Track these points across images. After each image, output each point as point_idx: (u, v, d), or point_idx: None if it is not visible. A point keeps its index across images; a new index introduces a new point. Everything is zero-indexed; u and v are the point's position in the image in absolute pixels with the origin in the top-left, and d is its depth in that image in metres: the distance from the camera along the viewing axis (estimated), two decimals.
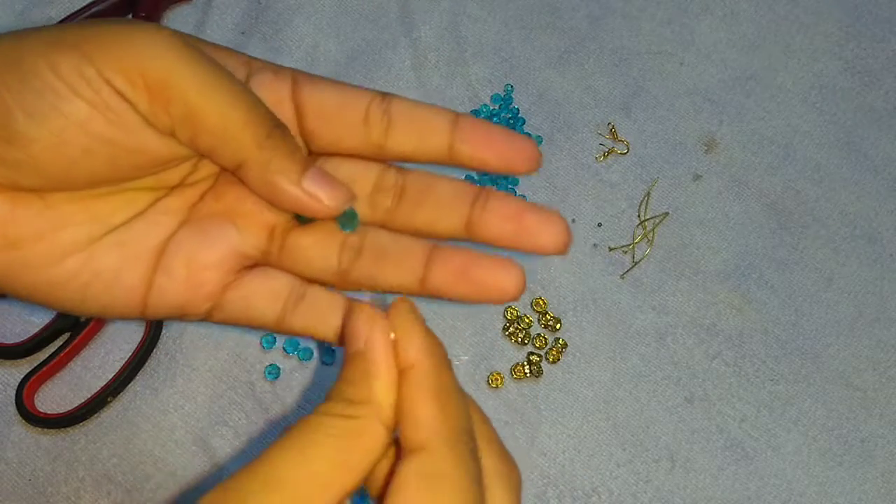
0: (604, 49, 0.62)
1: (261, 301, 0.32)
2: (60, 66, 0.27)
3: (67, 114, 0.28)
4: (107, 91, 0.28)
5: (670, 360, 0.55)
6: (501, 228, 0.30)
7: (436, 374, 0.27)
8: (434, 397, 0.26)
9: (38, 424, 0.51)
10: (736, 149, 0.60)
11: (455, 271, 0.31)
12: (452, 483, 0.25)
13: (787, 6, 0.63)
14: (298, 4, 0.63)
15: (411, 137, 0.31)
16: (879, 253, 0.57)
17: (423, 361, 0.27)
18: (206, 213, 0.32)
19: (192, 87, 0.28)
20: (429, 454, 0.25)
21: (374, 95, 0.31)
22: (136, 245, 0.31)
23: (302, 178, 0.29)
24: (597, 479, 0.52)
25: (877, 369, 0.55)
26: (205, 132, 0.29)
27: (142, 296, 0.31)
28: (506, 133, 0.31)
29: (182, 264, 0.31)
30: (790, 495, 0.52)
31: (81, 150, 0.28)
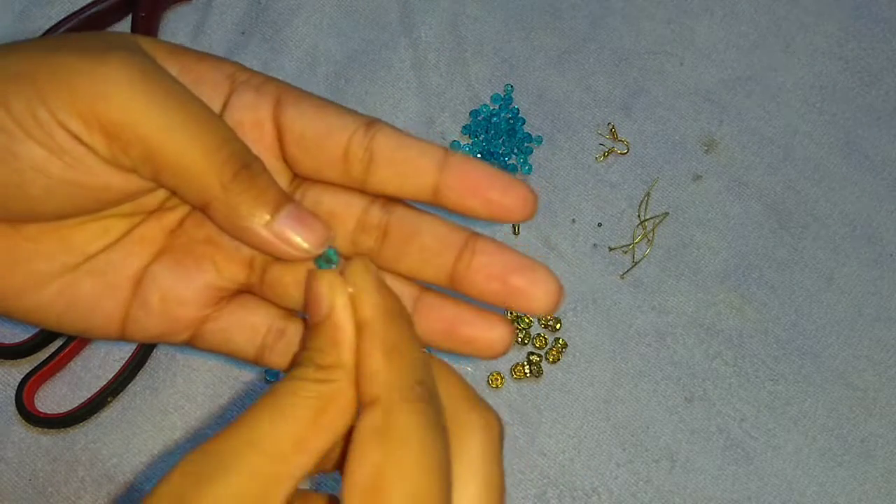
0: (604, 49, 0.62)
1: (240, 335, 0.31)
2: (13, 106, 0.26)
3: (22, 157, 0.26)
4: (61, 135, 0.26)
5: (670, 360, 0.55)
6: (487, 287, 0.29)
7: (385, 328, 0.27)
8: (383, 351, 0.26)
9: (38, 424, 0.51)
10: (736, 149, 0.60)
11: (442, 327, 0.30)
12: (403, 434, 0.25)
13: (787, 6, 0.63)
14: (298, 4, 0.63)
15: (394, 176, 0.29)
16: (879, 253, 0.57)
17: (375, 317, 0.27)
18: (186, 241, 0.31)
19: (150, 127, 0.26)
20: (379, 407, 0.25)
21: (359, 125, 0.29)
22: (114, 274, 0.30)
23: (273, 222, 0.28)
24: (597, 479, 0.52)
25: (877, 369, 0.55)
26: (166, 173, 0.27)
27: (119, 323, 0.31)
28: (498, 177, 0.29)
29: (158, 298, 0.30)
30: (790, 495, 0.52)
31: (42, 190, 0.27)
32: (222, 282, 0.31)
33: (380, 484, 0.24)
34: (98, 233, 0.30)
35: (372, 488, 0.24)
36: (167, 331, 0.31)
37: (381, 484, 0.24)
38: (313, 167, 0.30)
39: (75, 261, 0.30)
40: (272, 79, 0.30)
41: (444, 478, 0.25)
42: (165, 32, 0.62)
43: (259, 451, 0.25)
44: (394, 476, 0.24)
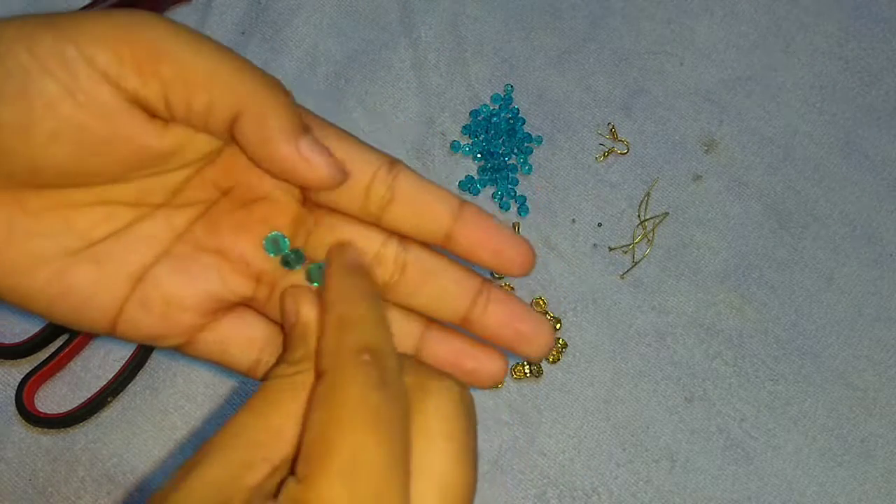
0: (604, 49, 0.62)
1: (237, 348, 0.32)
2: (38, 47, 0.26)
3: (33, 94, 0.26)
4: (84, 71, 0.27)
5: (670, 360, 0.55)
6: (498, 333, 0.32)
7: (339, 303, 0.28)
8: (334, 325, 0.28)
9: (38, 424, 0.51)
10: (736, 149, 0.60)
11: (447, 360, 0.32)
12: (344, 394, 0.25)
13: (787, 6, 0.63)
14: (298, 4, 0.63)
15: (411, 217, 0.31)
16: (879, 253, 0.57)
17: (333, 297, 0.29)
18: (194, 247, 0.31)
19: (181, 47, 0.27)
20: (325, 375, 0.26)
21: (382, 163, 0.30)
22: (114, 267, 0.30)
23: (299, 140, 0.28)
24: (597, 479, 0.52)
25: (877, 369, 0.55)
26: (198, 89, 0.28)
27: (112, 318, 0.30)
28: (506, 234, 0.31)
29: (160, 300, 0.30)
30: (790, 495, 0.52)
31: (48, 135, 0.27)
32: (226, 293, 0.31)
33: (323, 443, 0.25)
34: (102, 218, 0.30)
35: (317, 448, 0.25)
36: (161, 334, 0.31)
37: (325, 443, 0.25)
38: (332, 197, 0.31)
39: (75, 245, 0.30)
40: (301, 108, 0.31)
41: (392, 435, 0.25)
42: None
43: (237, 442, 0.26)
44: (334, 434, 0.25)
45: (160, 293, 0.31)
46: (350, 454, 0.24)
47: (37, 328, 0.53)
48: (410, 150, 0.59)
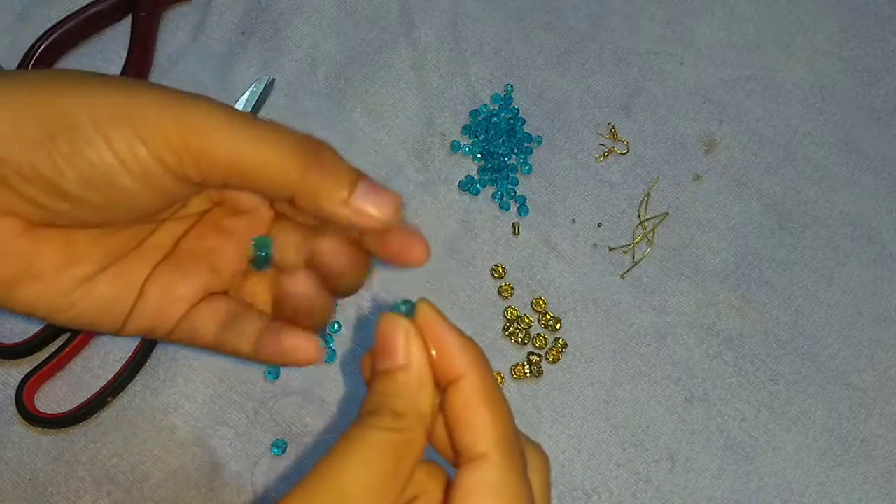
0: (604, 49, 0.62)
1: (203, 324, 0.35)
2: (114, 141, 0.29)
3: (118, 186, 0.30)
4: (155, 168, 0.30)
5: (670, 360, 0.55)
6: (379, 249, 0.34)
7: (485, 382, 0.29)
8: (489, 406, 0.28)
9: (38, 424, 0.51)
10: (736, 149, 0.60)
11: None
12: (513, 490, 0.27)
13: (787, 6, 0.63)
14: (298, 4, 0.63)
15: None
16: (879, 253, 0.57)
17: (473, 372, 0.29)
18: (188, 249, 0.35)
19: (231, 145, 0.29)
20: (491, 463, 0.27)
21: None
22: (131, 276, 0.34)
23: (350, 198, 0.30)
24: (597, 479, 0.52)
25: (877, 369, 0.55)
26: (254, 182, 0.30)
27: (124, 319, 0.34)
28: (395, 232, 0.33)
29: (158, 293, 0.34)
30: (790, 495, 0.52)
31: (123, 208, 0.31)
32: (213, 286, 0.35)
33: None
34: (129, 238, 0.34)
35: None
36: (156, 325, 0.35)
37: None
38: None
39: (106, 264, 0.34)
40: None
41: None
42: (165, 32, 0.62)
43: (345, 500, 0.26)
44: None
45: (159, 287, 0.35)
46: None
47: (37, 328, 0.53)
48: (410, 150, 0.59)
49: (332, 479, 0.26)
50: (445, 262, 0.56)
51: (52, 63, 0.60)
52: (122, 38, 0.61)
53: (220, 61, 0.61)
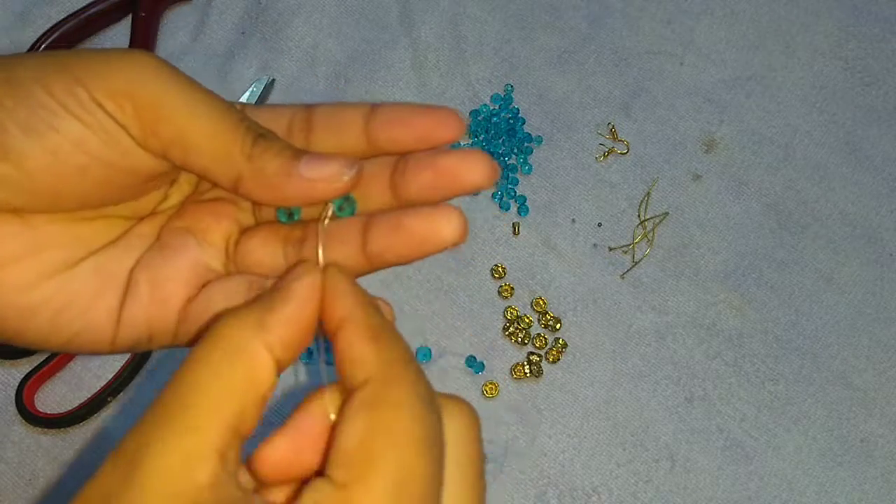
0: (604, 49, 0.62)
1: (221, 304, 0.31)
2: (53, 87, 0.28)
3: (63, 131, 0.28)
4: (100, 113, 0.28)
5: (670, 360, 0.55)
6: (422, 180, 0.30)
7: (366, 317, 0.27)
8: (369, 337, 0.26)
9: (38, 424, 0.51)
10: (736, 149, 0.60)
11: (389, 229, 0.30)
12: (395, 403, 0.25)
13: (787, 6, 0.63)
14: (298, 4, 0.63)
15: (330, 136, 0.31)
16: (879, 253, 0.57)
17: (354, 310, 0.27)
18: (170, 229, 0.32)
19: (178, 110, 0.28)
20: (371, 384, 0.25)
21: (298, 109, 0.32)
22: (111, 269, 0.31)
23: (298, 169, 0.29)
24: (597, 479, 0.52)
25: (877, 369, 0.55)
26: (195, 153, 0.29)
27: (113, 323, 0.31)
28: (421, 109, 0.30)
29: (146, 280, 0.31)
30: (790, 495, 0.52)
31: (76, 169, 0.28)
32: (206, 258, 0.32)
33: (370, 453, 0.24)
34: (103, 228, 0.31)
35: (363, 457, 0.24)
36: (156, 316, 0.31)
37: (373, 454, 0.24)
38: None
39: (80, 255, 0.31)
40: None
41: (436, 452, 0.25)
42: (165, 32, 0.62)
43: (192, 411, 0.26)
44: (384, 446, 0.24)
45: (147, 274, 0.31)
46: (399, 472, 0.24)
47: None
48: None
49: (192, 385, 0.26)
50: (445, 262, 0.56)
51: None
52: (122, 38, 0.61)
53: (220, 61, 0.61)
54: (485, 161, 0.29)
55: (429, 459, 0.24)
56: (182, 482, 0.24)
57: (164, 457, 0.24)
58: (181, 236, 0.32)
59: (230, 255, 0.32)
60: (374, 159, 0.31)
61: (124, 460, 0.25)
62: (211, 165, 0.29)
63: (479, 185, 0.29)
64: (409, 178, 0.30)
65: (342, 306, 0.27)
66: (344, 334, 0.27)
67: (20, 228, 0.29)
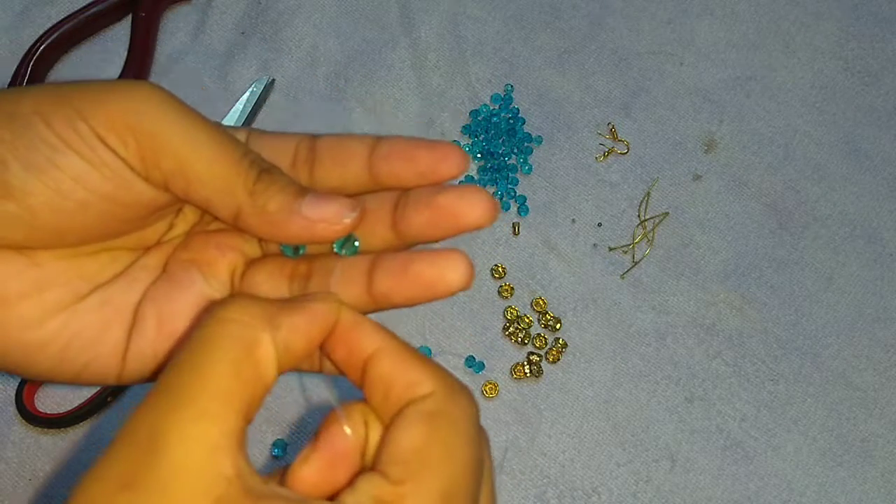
0: (604, 49, 0.62)
1: None
2: (53, 121, 0.27)
3: (64, 167, 0.28)
4: (101, 147, 0.28)
5: (670, 360, 0.55)
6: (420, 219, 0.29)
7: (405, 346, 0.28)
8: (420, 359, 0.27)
9: (38, 424, 0.51)
10: (736, 149, 0.60)
11: (395, 272, 0.29)
12: (454, 419, 0.26)
13: (787, 6, 0.63)
14: (298, 4, 0.63)
15: (334, 167, 0.31)
16: (879, 253, 0.57)
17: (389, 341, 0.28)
18: (174, 262, 0.32)
19: (180, 141, 0.28)
20: (430, 397, 0.26)
21: (303, 138, 0.31)
22: (118, 303, 0.31)
23: (300, 208, 0.29)
24: (597, 479, 0.52)
25: (877, 369, 0.55)
26: (197, 186, 0.29)
27: (120, 355, 0.31)
28: (424, 144, 0.30)
29: (154, 315, 0.31)
30: (790, 495, 0.52)
31: (78, 205, 0.28)
32: (211, 292, 0.32)
33: (422, 456, 0.25)
34: (108, 262, 0.31)
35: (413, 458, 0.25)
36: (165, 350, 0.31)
37: (425, 456, 0.25)
38: None
39: (85, 290, 0.31)
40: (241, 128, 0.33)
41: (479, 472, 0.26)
42: (165, 32, 0.62)
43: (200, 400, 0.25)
44: (439, 453, 0.25)
45: (154, 309, 0.31)
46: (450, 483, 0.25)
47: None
48: None
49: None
50: None
51: (52, 63, 0.60)
52: (122, 38, 0.61)
53: (220, 61, 0.61)
54: (484, 199, 0.29)
55: (474, 478, 0.26)
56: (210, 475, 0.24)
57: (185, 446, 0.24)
58: (187, 270, 0.32)
59: (235, 287, 0.32)
60: (377, 194, 0.31)
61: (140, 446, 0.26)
62: (213, 198, 0.29)
63: (479, 224, 0.29)
64: (408, 216, 0.30)
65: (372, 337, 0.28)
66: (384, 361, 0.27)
67: (24, 266, 0.29)
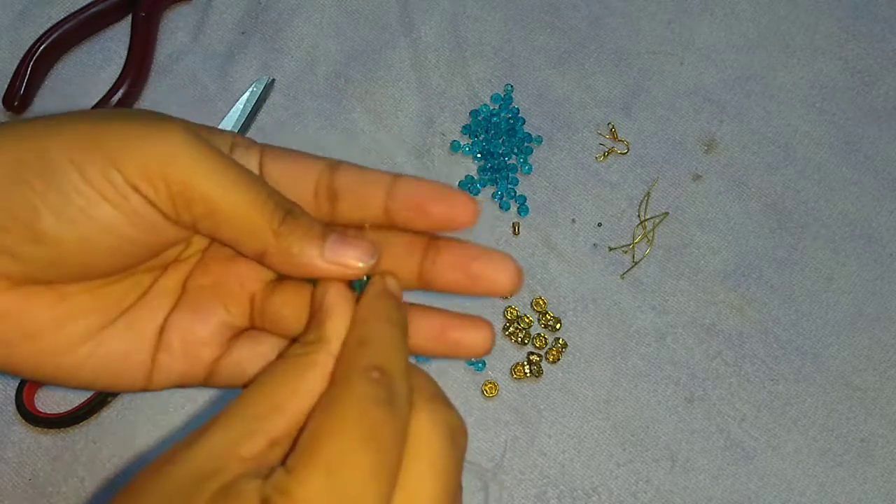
0: (604, 49, 0.62)
1: (251, 366, 0.34)
2: (88, 171, 0.28)
3: (97, 218, 0.29)
4: (134, 196, 0.29)
5: (670, 360, 0.55)
6: (451, 278, 0.32)
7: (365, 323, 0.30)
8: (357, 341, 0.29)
9: (38, 424, 0.51)
10: (736, 149, 0.60)
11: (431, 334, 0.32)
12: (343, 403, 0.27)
13: (787, 6, 0.63)
14: (298, 4, 0.63)
15: (353, 206, 0.32)
16: (879, 253, 0.57)
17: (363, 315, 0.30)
18: (196, 287, 0.34)
19: (210, 186, 0.29)
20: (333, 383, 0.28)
21: (324, 166, 0.32)
22: (142, 326, 0.33)
23: (323, 252, 0.30)
24: (597, 479, 0.52)
25: (877, 369, 0.55)
26: (225, 227, 0.30)
27: (147, 373, 0.33)
28: (440, 193, 0.31)
29: (179, 341, 0.33)
30: (790, 495, 0.52)
31: (106, 249, 0.30)
32: (233, 319, 0.34)
33: (314, 441, 0.26)
34: (130, 288, 0.33)
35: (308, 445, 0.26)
36: (188, 371, 0.33)
37: (316, 441, 0.26)
38: None
39: (112, 317, 0.32)
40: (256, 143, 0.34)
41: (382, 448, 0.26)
42: (165, 32, 0.62)
43: (238, 414, 0.28)
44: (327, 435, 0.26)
45: (179, 335, 0.33)
46: (337, 455, 0.26)
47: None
48: (410, 150, 0.59)
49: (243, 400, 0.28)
50: None
51: (52, 63, 0.60)
52: (122, 38, 0.61)
53: (220, 61, 0.61)
54: (513, 269, 0.31)
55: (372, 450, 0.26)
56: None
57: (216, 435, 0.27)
58: (208, 300, 0.33)
59: (258, 311, 0.34)
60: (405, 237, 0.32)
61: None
62: (239, 238, 0.30)
63: (506, 292, 0.31)
64: (439, 271, 0.32)
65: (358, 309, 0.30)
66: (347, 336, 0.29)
67: (52, 299, 0.31)
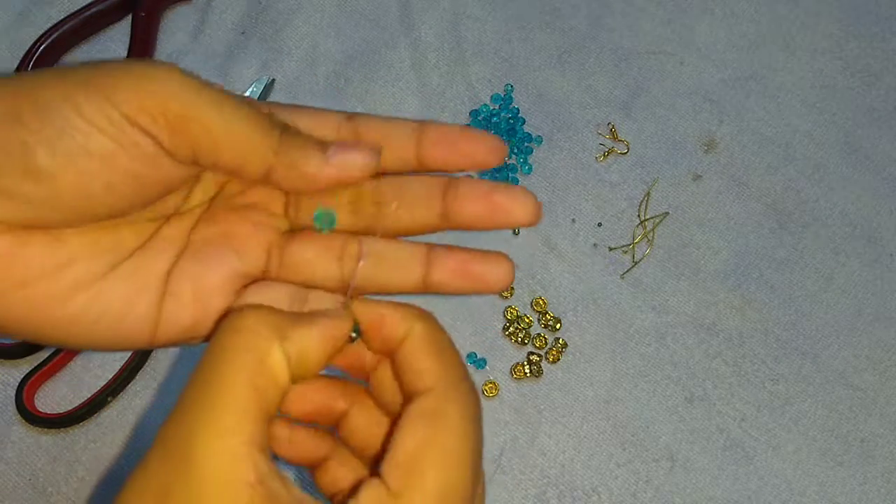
0: (604, 49, 0.62)
1: None
2: (84, 108, 0.28)
3: (93, 150, 0.28)
4: (131, 129, 0.29)
5: (670, 360, 0.55)
6: (474, 210, 0.33)
7: (431, 332, 0.30)
8: (431, 352, 0.29)
9: (38, 424, 0.51)
10: (736, 149, 0.60)
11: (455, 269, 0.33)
12: (451, 420, 0.28)
13: (787, 6, 0.63)
14: (298, 4, 0.63)
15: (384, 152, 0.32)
16: (879, 253, 0.57)
17: (417, 325, 0.30)
18: (203, 237, 0.33)
19: (211, 116, 0.29)
20: (430, 394, 0.28)
21: (341, 119, 0.33)
22: (144, 275, 0.32)
23: (327, 158, 0.30)
24: (597, 479, 0.52)
25: (877, 369, 0.55)
26: (227, 153, 0.30)
27: (152, 324, 0.32)
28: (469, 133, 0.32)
29: (189, 288, 0.32)
30: (790, 495, 0.52)
31: (104, 185, 0.29)
32: (246, 267, 0.33)
33: (420, 461, 0.27)
34: (130, 235, 0.32)
35: (411, 464, 0.27)
36: (197, 322, 0.32)
37: (421, 461, 0.27)
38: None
39: (110, 264, 0.31)
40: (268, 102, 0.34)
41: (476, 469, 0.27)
42: (165, 32, 0.62)
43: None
44: (435, 456, 0.27)
45: (188, 282, 0.32)
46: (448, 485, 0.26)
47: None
48: None
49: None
50: None
51: (52, 63, 0.60)
52: (122, 38, 0.61)
53: (220, 61, 0.61)
54: (533, 202, 0.32)
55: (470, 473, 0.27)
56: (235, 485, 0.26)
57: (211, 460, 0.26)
58: (218, 248, 0.33)
59: (275, 261, 0.33)
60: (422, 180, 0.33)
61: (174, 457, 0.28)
62: (242, 163, 0.30)
63: (527, 223, 0.32)
64: (462, 206, 0.33)
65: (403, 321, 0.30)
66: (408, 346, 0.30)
67: (49, 244, 0.30)
